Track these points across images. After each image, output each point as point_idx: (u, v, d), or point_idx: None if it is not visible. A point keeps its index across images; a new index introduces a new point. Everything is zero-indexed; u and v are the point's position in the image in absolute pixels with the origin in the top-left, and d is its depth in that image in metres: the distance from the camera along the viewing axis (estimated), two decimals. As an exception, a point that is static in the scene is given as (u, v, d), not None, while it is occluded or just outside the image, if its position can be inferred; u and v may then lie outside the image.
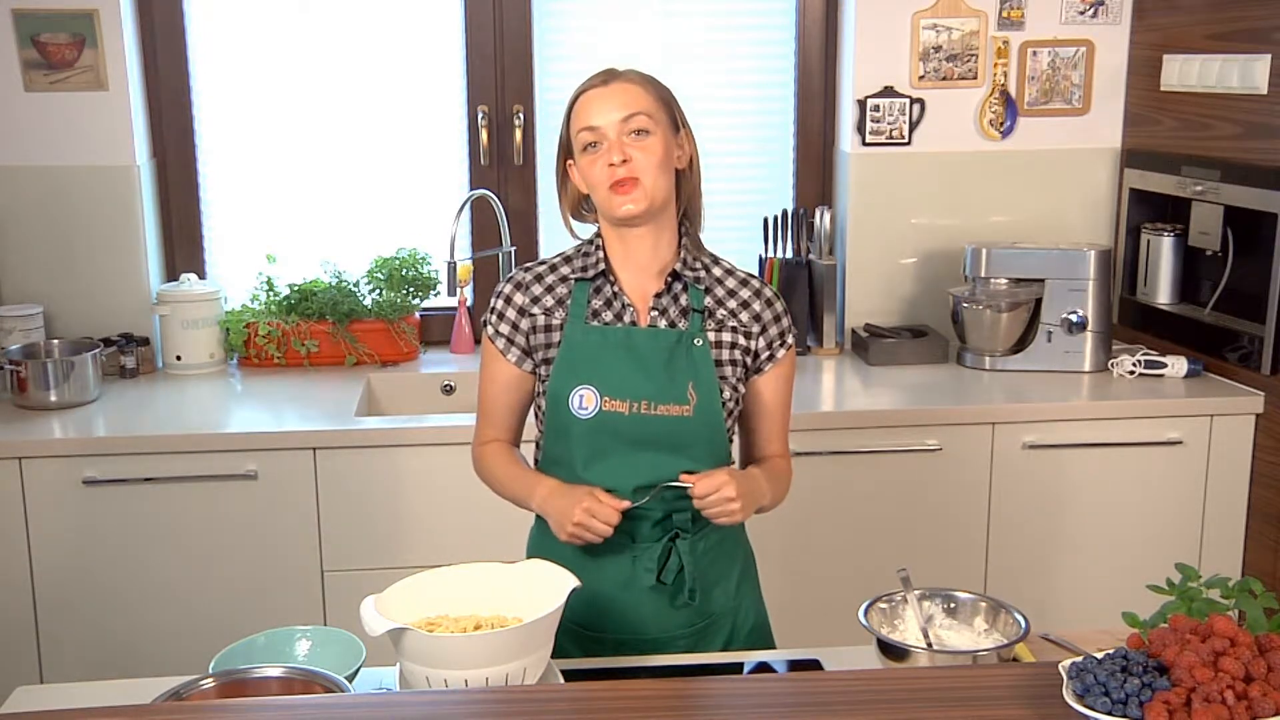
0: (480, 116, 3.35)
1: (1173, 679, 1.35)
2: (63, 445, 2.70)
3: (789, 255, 3.36)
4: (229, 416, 2.95)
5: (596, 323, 1.88)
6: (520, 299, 1.92)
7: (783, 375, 1.96)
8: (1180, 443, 2.90)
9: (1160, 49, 3.17)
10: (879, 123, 3.29)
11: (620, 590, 1.89)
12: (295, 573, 2.78)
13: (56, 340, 3.07)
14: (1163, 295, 3.23)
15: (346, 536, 2.77)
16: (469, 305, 3.39)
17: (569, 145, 1.89)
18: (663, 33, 3.38)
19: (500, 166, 3.39)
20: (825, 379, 3.17)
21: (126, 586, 2.75)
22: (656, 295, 1.90)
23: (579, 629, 1.89)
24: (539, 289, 1.92)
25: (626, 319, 1.88)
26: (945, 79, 3.29)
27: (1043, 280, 3.11)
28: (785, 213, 3.38)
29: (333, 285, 3.28)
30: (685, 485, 1.81)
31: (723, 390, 1.88)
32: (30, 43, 3.07)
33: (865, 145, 3.31)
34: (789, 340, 1.95)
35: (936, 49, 3.27)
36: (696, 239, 1.94)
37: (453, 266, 3.14)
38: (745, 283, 1.94)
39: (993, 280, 3.14)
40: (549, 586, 1.63)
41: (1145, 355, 3.08)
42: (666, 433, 1.85)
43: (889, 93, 3.28)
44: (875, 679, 1.59)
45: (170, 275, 3.35)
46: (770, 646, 2.01)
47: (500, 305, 1.93)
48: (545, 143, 3.39)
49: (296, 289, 3.28)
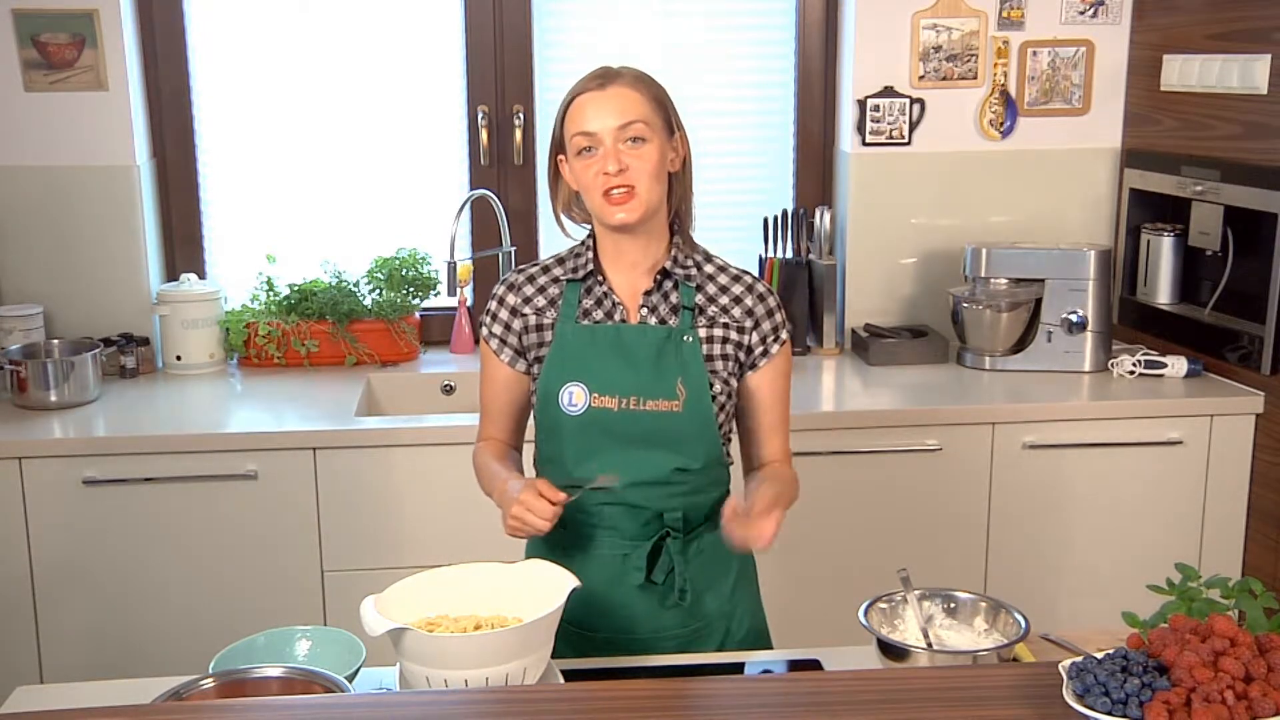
0: (480, 116, 3.35)
1: (1173, 679, 1.35)
2: (63, 445, 2.70)
3: (789, 255, 3.36)
4: (229, 416, 2.95)
5: (587, 322, 1.89)
6: (512, 299, 1.93)
7: (779, 371, 1.95)
8: (1180, 443, 2.90)
9: (1160, 49, 3.17)
10: (879, 123, 3.29)
11: (611, 588, 1.89)
12: (295, 573, 2.78)
13: (56, 340, 3.07)
14: (1163, 295, 3.23)
15: (346, 536, 2.77)
16: (469, 305, 3.39)
17: (562, 143, 1.88)
18: (663, 33, 3.38)
19: (500, 166, 3.39)
20: (825, 379, 3.17)
21: (127, 587, 2.75)
22: (646, 293, 1.89)
23: (569, 626, 1.89)
24: (531, 289, 1.92)
25: (617, 317, 1.89)
26: (945, 79, 3.29)
27: (1043, 280, 3.11)
28: (785, 213, 3.38)
29: (333, 285, 3.28)
30: (606, 487, 1.81)
31: (713, 384, 1.87)
32: (30, 43, 3.07)
33: (865, 145, 3.31)
34: (783, 336, 1.94)
35: (936, 49, 3.27)
36: (688, 237, 1.94)
37: (453, 266, 3.14)
38: (738, 279, 1.94)
39: (993, 280, 3.14)
40: (549, 586, 1.63)
41: (1145, 355, 3.08)
42: (657, 428, 1.85)
43: (889, 93, 3.28)
44: (875, 679, 1.59)
45: (170, 275, 3.35)
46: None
47: (494, 306, 1.95)
48: (545, 143, 3.32)
49: (296, 289, 3.28)
